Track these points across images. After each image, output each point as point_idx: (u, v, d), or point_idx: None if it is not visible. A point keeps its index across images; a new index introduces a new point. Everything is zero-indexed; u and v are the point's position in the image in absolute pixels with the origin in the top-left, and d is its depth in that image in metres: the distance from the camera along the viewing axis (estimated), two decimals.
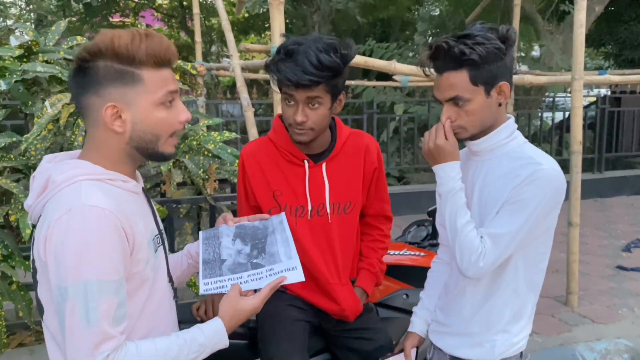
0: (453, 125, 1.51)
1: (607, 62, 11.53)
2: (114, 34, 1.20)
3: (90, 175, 1.22)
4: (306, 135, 1.75)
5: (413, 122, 7.35)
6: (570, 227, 3.69)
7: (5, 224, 2.66)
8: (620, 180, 7.75)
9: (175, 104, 1.29)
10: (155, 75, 1.24)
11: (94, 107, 1.23)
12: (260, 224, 1.56)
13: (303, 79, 1.62)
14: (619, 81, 4.73)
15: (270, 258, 1.43)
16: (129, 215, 1.22)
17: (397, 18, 10.24)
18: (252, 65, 4.15)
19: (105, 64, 1.21)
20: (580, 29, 3.57)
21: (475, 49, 1.42)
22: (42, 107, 2.54)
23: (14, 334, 3.10)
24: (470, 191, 1.59)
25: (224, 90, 10.52)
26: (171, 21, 11.98)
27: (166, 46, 1.24)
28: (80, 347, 1.13)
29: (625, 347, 3.35)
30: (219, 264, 1.43)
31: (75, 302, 1.12)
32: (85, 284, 1.12)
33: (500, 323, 1.57)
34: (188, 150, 2.90)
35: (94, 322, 1.13)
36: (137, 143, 1.26)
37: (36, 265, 1.22)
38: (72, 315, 1.13)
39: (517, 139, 1.55)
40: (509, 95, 1.50)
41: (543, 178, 1.44)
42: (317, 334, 1.97)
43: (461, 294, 1.62)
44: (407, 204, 5.97)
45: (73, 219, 1.13)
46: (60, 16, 9.31)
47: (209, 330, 1.29)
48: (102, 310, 1.13)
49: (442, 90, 1.50)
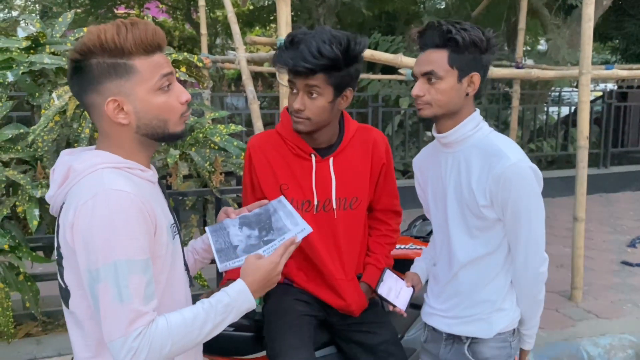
0: (421, 100, 1.62)
1: (614, 56, 11.45)
2: (99, 29, 1.21)
3: (111, 163, 1.25)
4: (303, 124, 1.76)
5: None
6: (575, 222, 3.68)
7: (13, 215, 2.68)
8: (626, 175, 7.72)
9: (173, 87, 1.30)
10: (147, 62, 1.25)
11: (96, 104, 1.26)
12: (261, 209, 1.59)
13: (298, 64, 1.66)
14: (626, 76, 4.71)
15: (279, 231, 1.47)
16: (150, 200, 1.26)
17: (403, 11, 10.18)
18: (258, 58, 4.15)
19: (97, 60, 1.22)
20: (588, 22, 3.55)
21: (460, 32, 1.55)
22: (49, 98, 2.55)
23: (20, 325, 3.12)
24: (444, 185, 1.69)
25: (228, 83, 10.50)
26: (176, 13, 11.93)
27: (152, 31, 1.25)
28: (115, 325, 1.16)
29: (629, 342, 3.35)
30: (232, 249, 1.46)
31: (107, 282, 1.15)
32: (115, 264, 1.15)
33: (495, 303, 1.67)
34: (194, 143, 2.90)
35: (126, 300, 1.15)
36: (146, 130, 1.29)
37: (62, 251, 1.25)
38: (105, 296, 1.16)
39: (482, 129, 1.66)
40: (477, 87, 1.61)
41: (519, 174, 1.55)
42: (322, 327, 1.97)
43: (454, 279, 1.71)
44: (413, 198, 5.89)
45: (99, 203, 1.16)
46: (65, 8, 9.30)
47: (233, 291, 1.31)
48: (133, 288, 1.16)
49: (420, 65, 1.61)
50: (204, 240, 1.63)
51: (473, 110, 1.67)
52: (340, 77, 1.71)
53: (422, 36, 1.62)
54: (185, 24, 12.07)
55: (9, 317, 2.62)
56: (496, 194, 1.56)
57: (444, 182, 1.70)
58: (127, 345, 1.15)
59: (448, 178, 1.68)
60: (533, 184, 1.57)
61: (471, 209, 1.63)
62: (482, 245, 1.65)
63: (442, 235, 1.75)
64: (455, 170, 1.66)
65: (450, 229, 1.69)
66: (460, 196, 1.64)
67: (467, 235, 1.66)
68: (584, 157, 3.67)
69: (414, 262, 1.95)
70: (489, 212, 1.60)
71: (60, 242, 1.24)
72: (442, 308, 1.75)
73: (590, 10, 3.53)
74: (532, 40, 10.36)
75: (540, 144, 7.99)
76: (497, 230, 1.63)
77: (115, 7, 10.21)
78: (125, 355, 1.15)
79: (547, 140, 8.07)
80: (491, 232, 1.64)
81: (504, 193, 1.55)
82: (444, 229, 1.73)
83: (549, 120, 8.28)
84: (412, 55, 3.91)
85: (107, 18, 9.89)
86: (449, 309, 1.73)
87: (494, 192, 1.56)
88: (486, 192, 1.58)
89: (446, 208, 1.70)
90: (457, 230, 1.68)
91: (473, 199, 1.61)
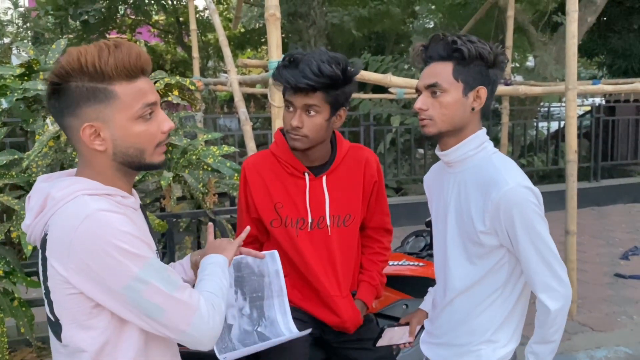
0: (424, 115, 1.54)
1: (601, 71, 11.62)
2: (80, 51, 1.15)
3: (90, 190, 1.19)
4: (300, 141, 1.79)
5: (410, 133, 7.39)
6: (567, 235, 3.71)
7: (7, 240, 2.67)
8: (617, 188, 7.78)
9: (156, 115, 1.23)
10: (128, 89, 1.18)
11: (73, 127, 1.20)
12: (256, 266, 1.64)
13: (301, 82, 1.69)
14: (612, 90, 4.79)
15: (272, 328, 1.56)
16: (135, 225, 1.22)
17: (392, 31, 10.33)
18: (250, 80, 4.19)
19: (77, 84, 1.16)
20: (572, 39, 3.62)
21: (466, 43, 1.49)
22: (43, 124, 2.57)
23: (15, 351, 3.10)
24: (446, 208, 1.61)
25: (221, 104, 10.56)
26: (168, 37, 12.04)
27: (136, 55, 1.18)
28: (185, 307, 1.17)
29: (625, 354, 3.36)
30: (227, 331, 1.52)
31: (153, 281, 1.15)
32: (146, 264, 1.15)
33: (487, 333, 1.58)
34: (187, 165, 2.92)
35: (176, 283, 1.19)
36: (122, 158, 1.23)
37: (49, 285, 1.20)
38: (159, 294, 1.15)
39: (486, 149, 1.58)
40: (484, 102, 1.54)
41: (518, 198, 1.45)
42: (318, 345, 1.98)
43: (449, 306, 1.63)
44: (405, 215, 5.99)
45: (93, 223, 1.12)
46: (57, 33, 9.37)
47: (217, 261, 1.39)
48: (170, 272, 1.20)
49: (424, 78, 1.54)
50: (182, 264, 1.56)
51: (479, 129, 1.58)
52: (336, 96, 1.76)
53: (427, 49, 1.56)
54: (177, 47, 12.17)
55: (3, 343, 2.60)
56: (498, 220, 1.47)
57: (446, 204, 1.62)
58: (204, 312, 1.18)
59: (449, 200, 1.60)
60: (534, 207, 1.47)
61: (469, 235, 1.54)
62: (480, 271, 1.56)
63: (441, 260, 1.67)
64: (455, 193, 1.58)
65: (449, 254, 1.61)
66: (461, 221, 1.56)
67: (465, 262, 1.57)
68: (573, 171, 3.72)
69: (427, 294, 1.87)
70: (487, 238, 1.50)
71: (49, 275, 1.18)
72: (435, 334, 1.70)
73: (574, 27, 3.61)
74: (520, 57, 10.51)
75: (531, 159, 8.06)
76: (495, 256, 1.53)
77: (108, 32, 10.30)
78: (208, 320, 1.18)
79: (537, 155, 8.15)
80: (489, 259, 1.54)
81: (507, 221, 1.46)
82: (443, 253, 1.64)
83: (539, 135, 8.37)
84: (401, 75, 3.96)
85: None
86: (441, 335, 1.67)
87: (494, 218, 1.47)
88: (485, 219, 1.48)
89: (446, 232, 1.62)
90: (455, 255, 1.59)
91: (471, 225, 1.52)
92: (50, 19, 9.67)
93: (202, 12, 10.66)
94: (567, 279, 1.51)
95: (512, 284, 1.57)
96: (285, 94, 1.78)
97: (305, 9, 8.44)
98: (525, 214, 1.45)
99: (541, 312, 1.52)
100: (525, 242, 1.47)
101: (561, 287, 1.50)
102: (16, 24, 11.41)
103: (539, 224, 1.47)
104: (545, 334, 1.53)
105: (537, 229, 1.47)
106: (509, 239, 1.49)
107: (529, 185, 1.48)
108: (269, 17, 2.93)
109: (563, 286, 1.50)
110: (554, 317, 1.50)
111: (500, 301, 1.57)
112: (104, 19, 9.34)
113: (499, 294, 1.56)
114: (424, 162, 7.44)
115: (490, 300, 1.56)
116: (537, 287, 1.50)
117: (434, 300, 1.76)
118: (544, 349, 1.55)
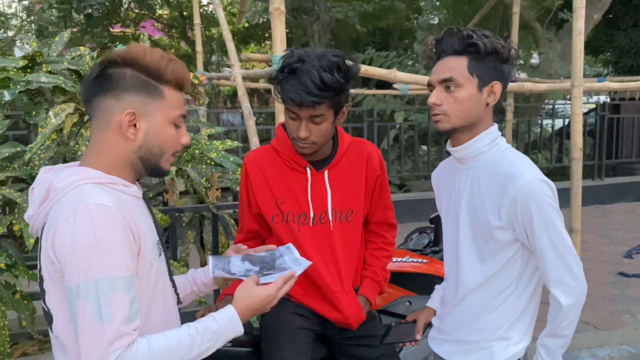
0: (438, 110, 1.51)
1: (606, 69, 11.57)
2: (147, 49, 1.28)
3: (92, 179, 1.22)
4: (309, 148, 1.78)
5: (413, 130, 7.37)
6: (571, 233, 3.69)
7: (9, 233, 2.67)
8: (621, 186, 7.76)
9: (181, 128, 1.36)
10: (174, 95, 1.31)
11: (109, 110, 1.26)
12: (268, 253, 1.58)
13: (307, 99, 1.65)
14: (618, 88, 4.76)
15: (279, 269, 1.46)
16: (133, 215, 1.23)
17: (397, 27, 10.30)
18: (254, 75, 4.18)
19: (133, 72, 1.26)
20: (579, 36, 3.59)
21: (482, 38, 1.47)
22: (46, 117, 2.56)
23: (17, 344, 3.10)
24: (457, 204, 1.60)
25: (224, 99, 10.55)
26: (171, 31, 12.03)
27: (186, 72, 1.33)
28: (93, 345, 1.12)
29: (628, 353, 3.34)
30: (227, 263, 1.47)
31: (86, 300, 1.12)
32: (96, 282, 1.12)
33: (499, 330, 1.56)
34: (191, 159, 2.91)
35: (106, 319, 1.12)
36: (144, 153, 1.29)
37: (42, 273, 1.22)
38: (84, 314, 1.12)
39: (498, 145, 1.56)
40: (498, 97, 1.52)
41: (535, 192, 1.44)
42: (320, 341, 1.97)
43: (460, 303, 1.61)
44: (409, 212, 5.98)
45: (80, 219, 1.14)
46: (61, 27, 9.36)
47: (222, 318, 1.29)
48: (115, 307, 1.13)
49: (438, 72, 1.51)
50: (205, 272, 1.59)
51: (491, 124, 1.56)
52: (339, 100, 1.73)
53: (440, 43, 1.53)
54: (181, 41, 12.17)
55: (5, 336, 2.60)
56: (515, 214, 1.45)
57: (457, 200, 1.60)
58: None
59: (461, 197, 1.58)
60: (550, 200, 1.45)
61: (482, 231, 1.52)
62: (492, 268, 1.54)
63: (452, 257, 1.65)
64: (468, 189, 1.56)
65: (461, 251, 1.59)
66: (474, 217, 1.54)
67: (477, 259, 1.56)
68: (578, 169, 3.69)
69: (434, 292, 1.86)
70: (502, 234, 1.49)
71: (42, 264, 1.21)
72: (445, 330, 1.67)
73: (581, 24, 3.58)
74: (525, 54, 10.46)
75: (535, 156, 8.04)
76: (508, 252, 1.52)
77: (111, 25, 10.29)
78: None
79: (541, 152, 8.12)
80: (502, 255, 1.52)
81: (524, 214, 1.44)
82: (454, 250, 1.62)
83: (543, 132, 8.34)
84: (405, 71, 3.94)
85: (102, 37, 9.95)
86: (452, 332, 1.64)
87: (511, 212, 1.46)
88: (501, 214, 1.47)
89: (458, 229, 1.60)
90: (467, 253, 1.57)
91: (485, 220, 1.50)
92: (54, 12, 9.66)
93: (206, 6, 10.66)
94: (582, 275, 1.50)
95: (526, 281, 1.56)
96: (285, 103, 1.73)
97: (309, 4, 8.43)
98: (542, 207, 1.44)
99: (554, 306, 1.51)
100: (541, 236, 1.45)
101: (575, 283, 1.48)
102: (20, 17, 11.42)
103: (556, 218, 1.46)
104: (557, 328, 1.52)
105: (554, 222, 1.46)
106: (525, 234, 1.48)
107: (545, 179, 1.47)
108: (273, 10, 2.91)
109: (577, 282, 1.49)
110: (565, 312, 1.49)
111: (513, 297, 1.55)
112: (108, 12, 9.33)
113: (512, 290, 1.55)
114: (427, 159, 7.43)
115: (503, 297, 1.55)
116: (551, 282, 1.49)
117: (443, 298, 1.74)
118: (554, 342, 1.53)
